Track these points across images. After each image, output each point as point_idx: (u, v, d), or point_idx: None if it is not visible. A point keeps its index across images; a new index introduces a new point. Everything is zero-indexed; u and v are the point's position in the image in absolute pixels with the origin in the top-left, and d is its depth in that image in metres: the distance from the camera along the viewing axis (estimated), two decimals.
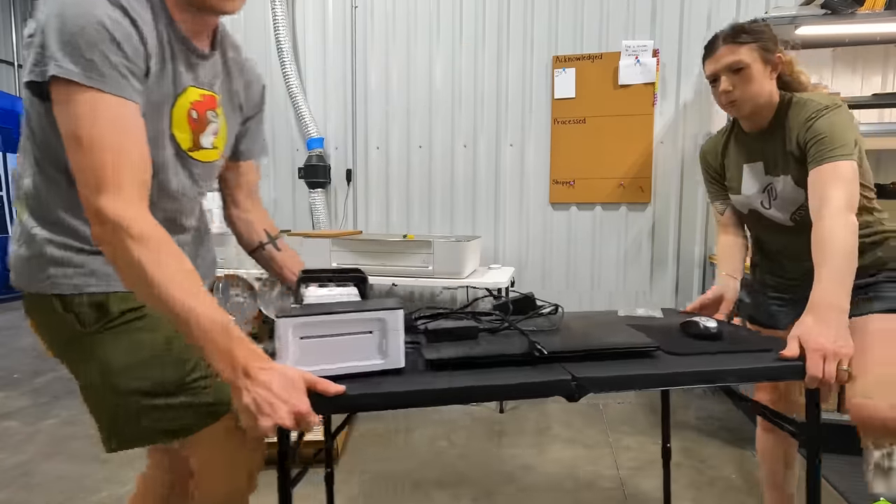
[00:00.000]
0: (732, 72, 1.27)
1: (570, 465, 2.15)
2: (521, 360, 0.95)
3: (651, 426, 2.53)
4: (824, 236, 1.10)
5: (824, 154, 1.17)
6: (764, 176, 1.35)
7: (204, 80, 1.00)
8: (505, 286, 2.73)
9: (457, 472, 2.09)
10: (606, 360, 0.97)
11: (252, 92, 1.17)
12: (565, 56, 3.09)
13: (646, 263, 3.12)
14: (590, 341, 1.05)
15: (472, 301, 1.51)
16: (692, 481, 2.02)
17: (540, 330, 1.15)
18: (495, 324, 1.18)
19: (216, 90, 1.03)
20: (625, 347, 1.01)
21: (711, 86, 1.34)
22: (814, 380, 0.96)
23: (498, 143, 3.26)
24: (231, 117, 1.10)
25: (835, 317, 1.01)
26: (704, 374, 0.96)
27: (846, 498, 1.89)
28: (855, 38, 2.62)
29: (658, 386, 0.97)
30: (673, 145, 3.01)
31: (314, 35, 3.47)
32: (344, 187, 3.52)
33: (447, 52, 3.29)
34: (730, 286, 1.43)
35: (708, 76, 1.34)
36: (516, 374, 0.91)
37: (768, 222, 1.40)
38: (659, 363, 0.97)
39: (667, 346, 1.05)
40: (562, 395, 0.89)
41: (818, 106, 1.23)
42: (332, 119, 3.50)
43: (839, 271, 1.06)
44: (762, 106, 1.30)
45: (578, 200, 3.16)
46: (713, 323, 1.15)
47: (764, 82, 1.27)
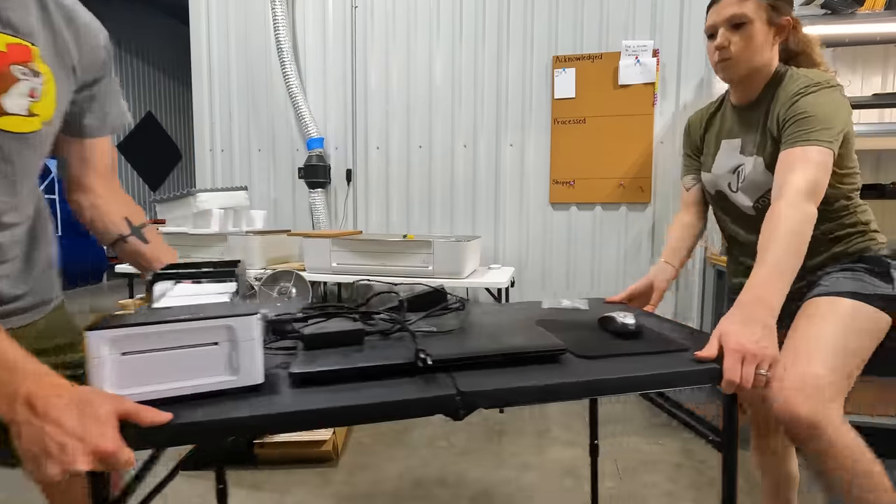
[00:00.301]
0: (733, 26, 1.13)
1: (569, 465, 2.15)
2: (405, 370, 0.81)
3: (651, 426, 2.53)
4: (773, 222, 0.98)
5: (800, 136, 1.05)
6: (738, 155, 1.24)
7: (18, 26, 0.77)
8: (505, 286, 2.73)
9: (457, 471, 2.09)
10: (507, 368, 0.84)
11: (87, 49, 0.91)
12: (565, 56, 3.09)
13: (646, 263, 3.12)
14: (485, 345, 0.92)
15: (372, 296, 1.29)
16: (692, 481, 2.02)
17: (440, 331, 1.00)
18: (388, 325, 1.00)
19: (34, 41, 0.80)
20: (526, 352, 0.87)
21: (708, 41, 1.20)
22: (730, 384, 0.85)
23: (498, 143, 3.26)
24: (62, 80, 0.86)
25: (762, 314, 0.89)
26: (611, 382, 0.83)
27: None
28: (855, 38, 2.62)
29: (556, 399, 0.81)
30: (673, 145, 3.01)
31: (314, 35, 3.47)
32: (344, 187, 3.52)
33: (447, 51, 3.29)
34: (664, 274, 1.32)
35: (706, 28, 1.20)
36: (396, 389, 0.78)
37: (732, 207, 1.29)
38: (564, 370, 0.85)
39: (577, 348, 0.93)
40: (445, 414, 0.76)
41: (808, 82, 1.10)
42: (332, 119, 3.50)
43: (778, 264, 0.94)
44: (756, 71, 1.17)
45: (578, 200, 3.16)
46: (632, 319, 1.01)
47: (765, 45, 1.14)
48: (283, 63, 3.35)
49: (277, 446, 2.10)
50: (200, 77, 3.66)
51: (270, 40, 3.52)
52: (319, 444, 2.11)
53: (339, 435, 2.25)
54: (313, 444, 2.11)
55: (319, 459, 2.15)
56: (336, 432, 2.18)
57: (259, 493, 1.94)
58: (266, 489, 1.96)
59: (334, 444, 2.16)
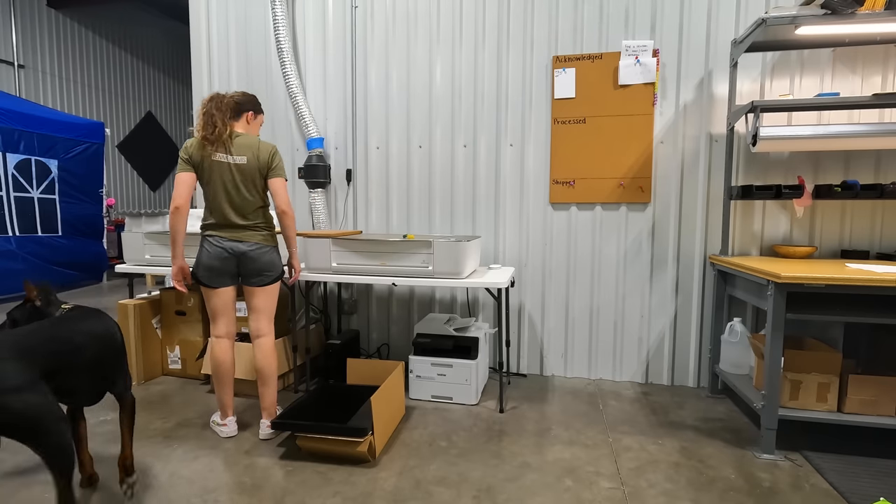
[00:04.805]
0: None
1: (570, 465, 2.15)
2: None
3: (651, 426, 2.53)
4: None
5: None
6: None
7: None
8: (505, 286, 2.73)
9: (457, 471, 2.09)
10: None
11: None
12: (565, 56, 3.09)
13: (646, 263, 3.12)
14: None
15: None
16: (692, 481, 2.02)
17: None
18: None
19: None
20: None
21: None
22: None
23: (498, 143, 3.26)
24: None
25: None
26: None
27: (846, 498, 1.89)
28: (855, 38, 2.63)
29: None
30: (673, 145, 3.01)
31: (314, 35, 3.47)
32: (344, 187, 3.52)
33: (447, 51, 3.29)
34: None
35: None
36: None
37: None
38: None
39: None
40: None
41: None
42: (332, 119, 3.50)
43: None
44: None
45: (578, 200, 3.16)
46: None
47: None
48: (283, 63, 3.35)
49: (318, 441, 2.15)
50: (200, 77, 3.66)
51: (270, 40, 3.52)
52: (355, 444, 2.11)
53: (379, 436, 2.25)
54: (350, 444, 2.12)
55: (356, 460, 2.17)
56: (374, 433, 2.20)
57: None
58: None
59: (370, 444, 2.16)
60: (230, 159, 2.27)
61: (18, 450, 2.23)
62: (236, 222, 2.31)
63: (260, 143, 2.33)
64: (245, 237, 2.31)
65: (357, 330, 3.48)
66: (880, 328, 2.60)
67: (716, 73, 2.92)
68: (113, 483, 1.98)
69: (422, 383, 2.87)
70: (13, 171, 5.65)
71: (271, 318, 2.45)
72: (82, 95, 8.12)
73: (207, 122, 2.25)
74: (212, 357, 2.41)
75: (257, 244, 2.33)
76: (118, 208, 8.62)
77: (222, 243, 2.30)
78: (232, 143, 2.28)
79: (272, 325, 2.45)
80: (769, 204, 2.93)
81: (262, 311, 2.41)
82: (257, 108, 2.43)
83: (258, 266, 2.34)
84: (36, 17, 7.36)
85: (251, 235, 2.33)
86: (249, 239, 2.32)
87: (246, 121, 2.38)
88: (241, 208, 2.31)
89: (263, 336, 2.43)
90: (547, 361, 3.30)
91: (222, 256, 2.30)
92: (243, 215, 2.31)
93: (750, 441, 2.38)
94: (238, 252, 2.31)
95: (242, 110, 2.36)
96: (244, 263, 2.33)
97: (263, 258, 2.34)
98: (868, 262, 2.56)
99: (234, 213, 2.30)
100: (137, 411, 2.70)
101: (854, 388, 2.24)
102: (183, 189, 2.24)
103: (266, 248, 2.36)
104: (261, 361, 2.42)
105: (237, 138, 2.30)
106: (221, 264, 2.31)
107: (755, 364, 2.55)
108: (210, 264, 2.30)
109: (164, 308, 3.27)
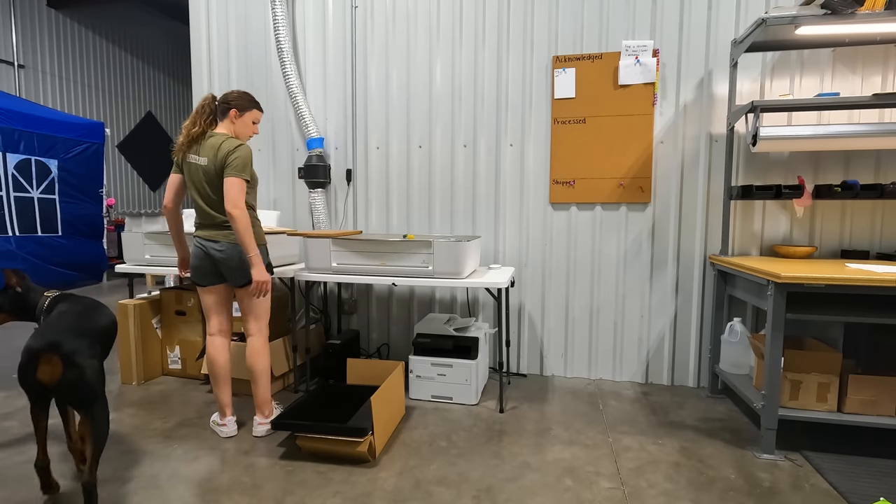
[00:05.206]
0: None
1: (569, 465, 2.15)
2: None
3: (651, 426, 2.53)
4: None
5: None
6: None
7: None
8: (505, 286, 2.73)
9: (457, 471, 2.09)
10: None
11: None
12: (565, 56, 3.09)
13: (646, 263, 3.12)
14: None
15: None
16: (692, 481, 2.02)
17: None
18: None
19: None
20: None
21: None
22: None
23: (498, 143, 3.26)
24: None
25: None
26: None
27: (846, 498, 1.89)
28: (855, 38, 2.63)
29: None
30: (673, 145, 3.01)
31: (314, 35, 3.47)
32: (344, 187, 3.52)
33: (447, 51, 3.29)
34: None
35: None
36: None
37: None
38: None
39: None
40: None
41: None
42: (332, 119, 3.50)
43: None
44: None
45: (578, 200, 3.16)
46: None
47: None
48: (283, 63, 3.35)
49: (318, 441, 2.15)
50: (200, 77, 3.66)
51: (270, 40, 3.52)
52: (355, 444, 2.11)
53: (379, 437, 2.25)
54: (350, 444, 2.11)
55: (356, 460, 2.17)
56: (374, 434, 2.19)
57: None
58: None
59: (370, 444, 2.16)
60: (198, 160, 2.29)
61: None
62: (210, 222, 2.34)
63: (223, 143, 2.26)
64: (215, 237, 2.33)
65: (357, 330, 3.48)
66: (880, 328, 2.60)
67: (716, 73, 2.92)
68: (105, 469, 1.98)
69: (422, 383, 2.87)
70: (13, 171, 5.65)
71: (258, 317, 2.44)
72: (82, 95, 8.12)
73: (189, 123, 2.33)
74: (206, 355, 2.44)
75: (227, 244, 2.32)
76: (118, 208, 8.62)
77: (202, 243, 2.35)
78: (201, 145, 2.29)
79: (260, 325, 2.45)
80: (769, 204, 2.93)
81: (246, 311, 2.43)
82: (243, 105, 2.36)
83: (231, 266, 2.33)
84: (36, 17, 7.36)
85: (221, 235, 2.33)
86: (220, 239, 2.32)
87: (230, 119, 2.36)
88: (215, 208, 2.32)
89: (250, 336, 2.46)
90: (547, 361, 3.30)
91: (201, 256, 2.35)
92: (215, 215, 2.33)
93: (750, 441, 2.38)
94: (211, 251, 2.33)
95: (228, 108, 2.35)
96: (220, 263, 2.34)
97: (234, 259, 2.32)
98: (868, 262, 2.56)
99: (209, 214, 2.33)
100: (138, 411, 2.70)
101: (854, 388, 2.24)
102: (168, 190, 2.38)
103: (237, 249, 2.31)
104: (248, 360, 2.44)
105: (208, 139, 2.29)
106: (203, 263, 2.35)
107: (755, 364, 2.56)
108: (195, 263, 2.38)
109: (164, 308, 3.27)
